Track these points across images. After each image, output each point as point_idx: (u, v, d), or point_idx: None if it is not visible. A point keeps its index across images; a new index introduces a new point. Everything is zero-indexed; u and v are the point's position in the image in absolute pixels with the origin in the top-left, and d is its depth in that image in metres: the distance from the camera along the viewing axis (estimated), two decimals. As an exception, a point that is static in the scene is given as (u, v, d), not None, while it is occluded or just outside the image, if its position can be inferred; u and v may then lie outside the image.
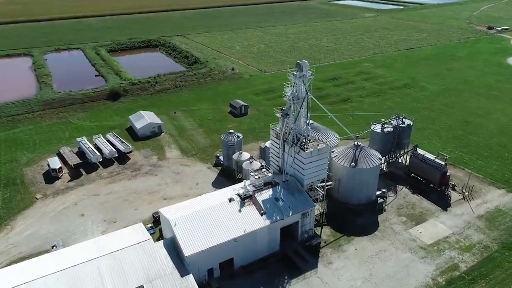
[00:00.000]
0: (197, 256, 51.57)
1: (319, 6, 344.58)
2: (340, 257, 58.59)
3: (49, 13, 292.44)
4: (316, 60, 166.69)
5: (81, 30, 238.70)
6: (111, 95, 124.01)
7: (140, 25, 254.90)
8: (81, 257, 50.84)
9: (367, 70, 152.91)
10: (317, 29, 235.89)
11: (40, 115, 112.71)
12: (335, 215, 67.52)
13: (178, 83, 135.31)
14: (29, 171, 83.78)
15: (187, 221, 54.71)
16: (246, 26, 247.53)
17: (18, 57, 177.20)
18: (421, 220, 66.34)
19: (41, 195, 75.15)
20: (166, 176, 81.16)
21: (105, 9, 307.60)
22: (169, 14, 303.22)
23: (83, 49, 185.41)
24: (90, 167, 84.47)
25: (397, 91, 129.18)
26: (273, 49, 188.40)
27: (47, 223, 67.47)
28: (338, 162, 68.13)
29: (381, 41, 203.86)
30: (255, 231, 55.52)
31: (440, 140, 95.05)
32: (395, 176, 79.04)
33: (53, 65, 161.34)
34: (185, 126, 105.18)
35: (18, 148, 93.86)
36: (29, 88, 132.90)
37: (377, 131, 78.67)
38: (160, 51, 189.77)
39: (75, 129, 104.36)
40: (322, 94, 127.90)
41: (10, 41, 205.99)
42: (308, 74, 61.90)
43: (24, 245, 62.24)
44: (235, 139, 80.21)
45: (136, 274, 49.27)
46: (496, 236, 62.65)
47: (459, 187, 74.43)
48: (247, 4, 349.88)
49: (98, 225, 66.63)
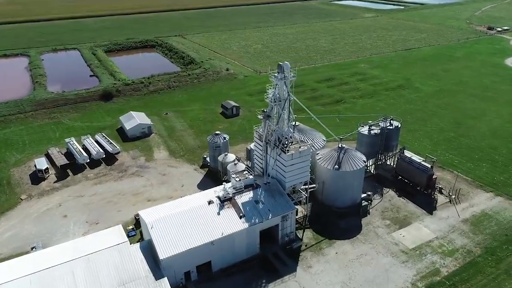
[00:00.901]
0: (172, 259, 51.23)
1: (319, 6, 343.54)
2: (320, 261, 58.01)
3: (48, 13, 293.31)
4: (312, 60, 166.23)
5: (79, 30, 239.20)
6: (104, 95, 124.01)
7: (139, 25, 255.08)
8: (57, 259, 50.68)
9: (362, 71, 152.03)
10: (315, 30, 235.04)
11: (32, 115, 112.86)
12: (319, 218, 66.96)
13: (171, 83, 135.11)
14: (17, 171, 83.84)
15: (164, 224, 54.40)
16: (245, 26, 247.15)
17: (15, 57, 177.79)
18: (405, 224, 65.62)
19: (26, 196, 75.14)
20: (152, 177, 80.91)
21: (104, 9, 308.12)
22: (169, 14, 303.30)
23: (80, 49, 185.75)
24: (77, 168, 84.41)
25: (391, 92, 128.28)
26: (270, 49, 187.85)
27: (29, 224, 67.40)
28: (321, 165, 67.53)
29: (379, 41, 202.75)
30: (233, 234, 55.10)
31: (431, 142, 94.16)
32: (382, 179, 78.33)
33: (48, 65, 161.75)
34: (176, 127, 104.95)
35: (8, 149, 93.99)
36: (23, 88, 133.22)
37: (364, 133, 77.91)
38: (157, 52, 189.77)
39: (66, 130, 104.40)
40: (315, 95, 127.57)
41: (8, 41, 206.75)
42: (289, 75, 61.19)
43: (5, 246, 62.18)
44: (221, 141, 79.81)
45: (109, 277, 49.00)
46: (480, 241, 61.82)
47: (446, 190, 73.60)
48: (248, 4, 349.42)
49: (80, 226, 66.46)
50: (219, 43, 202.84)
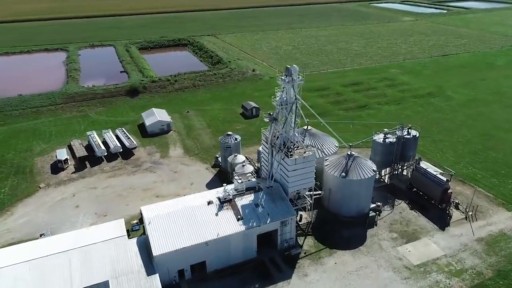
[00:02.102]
0: (166, 256, 51.73)
1: (356, 8, 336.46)
2: (317, 270, 56.57)
3: (90, 11, 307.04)
4: (341, 64, 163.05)
5: (117, 27, 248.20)
6: (131, 91, 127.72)
7: (175, 24, 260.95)
8: (57, 248, 52.65)
9: (392, 76, 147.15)
10: (349, 32, 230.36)
11: (62, 107, 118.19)
12: (323, 226, 65.39)
13: (197, 82, 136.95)
14: (40, 161, 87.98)
15: (161, 221, 55.10)
16: (278, 27, 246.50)
17: (55, 52, 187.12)
18: (413, 238, 62.67)
19: (44, 185, 78.65)
20: (164, 174, 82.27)
21: (143, 8, 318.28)
22: (204, 13, 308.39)
23: (115, 46, 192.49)
24: (95, 160, 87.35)
25: (419, 100, 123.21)
26: (300, 51, 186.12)
27: (43, 212, 70.46)
28: (329, 171, 65.90)
29: (414, 46, 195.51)
30: (229, 236, 54.86)
31: (455, 154, 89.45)
32: (396, 190, 75.32)
33: (84, 60, 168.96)
34: (194, 125, 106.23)
35: (35, 138, 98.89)
36: (58, 81, 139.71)
37: (378, 141, 75.21)
38: (188, 50, 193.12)
39: (91, 123, 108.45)
40: (339, 99, 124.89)
41: (51, 36, 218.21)
42: (297, 79, 60.14)
43: (18, 231, 65.34)
44: (232, 141, 79.85)
45: (103, 269, 50.22)
46: (493, 262, 57.92)
47: (463, 206, 69.60)
48: (283, 5, 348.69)
49: (88, 217, 68.67)
50: (250, 43, 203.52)
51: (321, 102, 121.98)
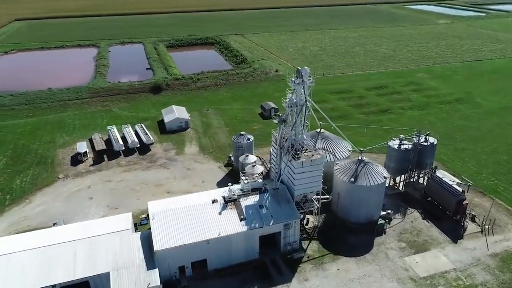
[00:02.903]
0: (166, 252, 52.45)
1: (390, 10, 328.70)
2: (318, 275, 55.70)
3: (124, 9, 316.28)
4: (367, 66, 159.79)
5: (148, 25, 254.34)
6: (154, 88, 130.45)
7: (204, 23, 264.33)
8: (65, 238, 54.50)
9: (419, 80, 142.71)
10: (379, 35, 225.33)
11: (87, 102, 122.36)
12: (329, 231, 64.32)
13: (219, 81, 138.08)
14: (61, 152, 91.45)
15: (165, 217, 55.95)
16: (306, 28, 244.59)
17: (87, 48, 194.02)
18: (422, 249, 60.52)
19: (63, 176, 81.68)
20: (177, 170, 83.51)
21: (175, 6, 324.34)
22: (234, 13, 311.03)
23: (144, 43, 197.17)
24: (113, 154, 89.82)
25: (446, 106, 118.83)
26: (326, 52, 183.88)
27: (59, 202, 73.21)
28: (338, 176, 64.73)
29: (447, 50, 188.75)
30: (230, 236, 54.95)
31: (478, 163, 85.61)
32: (410, 198, 72.98)
33: (113, 56, 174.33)
34: (212, 124, 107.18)
35: (60, 131, 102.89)
36: (86, 76, 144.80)
37: (393, 147, 73.07)
38: (215, 49, 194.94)
39: (113, 118, 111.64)
40: (361, 102, 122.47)
41: (86, 33, 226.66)
42: (307, 81, 59.30)
43: (34, 219, 68.18)
44: (244, 141, 79.96)
45: (106, 261, 51.55)
46: (506, 280, 55.01)
47: (479, 218, 66.53)
48: (314, 6, 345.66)
49: (100, 209, 70.71)
50: (277, 43, 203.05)
51: (342, 105, 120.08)
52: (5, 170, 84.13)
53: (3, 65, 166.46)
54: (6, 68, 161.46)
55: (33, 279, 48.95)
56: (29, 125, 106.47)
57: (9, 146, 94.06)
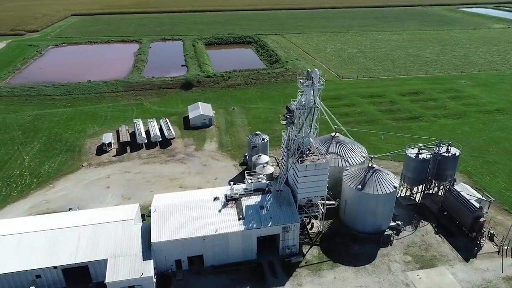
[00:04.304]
0: (163, 244, 53.82)
1: (441, 12, 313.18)
2: (313, 281, 54.60)
3: (176, 6, 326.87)
4: (405, 71, 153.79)
5: (194, 23, 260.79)
6: (185, 84, 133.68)
7: (247, 21, 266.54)
8: (72, 222, 57.44)
9: (459, 87, 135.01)
10: (425, 38, 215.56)
11: (121, 95, 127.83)
12: (333, 238, 62.82)
13: (249, 80, 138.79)
14: (89, 142, 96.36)
15: (166, 210, 57.38)
16: (348, 29, 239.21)
17: (130, 43, 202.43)
18: (428, 265, 57.45)
19: (87, 164, 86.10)
20: (193, 166, 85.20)
21: (220, 5, 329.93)
22: (280, 12, 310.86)
23: (183, 40, 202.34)
24: (136, 146, 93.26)
25: (484, 116, 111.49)
26: (365, 55, 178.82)
27: (79, 188, 77.31)
28: (346, 182, 63.01)
29: (497, 56, 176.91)
30: (227, 234, 55.32)
31: (509, 179, 79.69)
32: (426, 211, 69.50)
33: (153, 52, 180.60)
34: (236, 122, 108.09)
35: (91, 121, 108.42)
36: (125, 70, 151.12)
37: (411, 156, 69.80)
38: (252, 48, 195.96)
39: (142, 111, 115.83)
40: (392, 108, 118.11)
41: (133, 29, 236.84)
42: (317, 83, 58.27)
43: (53, 203, 72.53)
44: (259, 141, 79.94)
45: (106, 248, 53.80)
46: (518, 306, 50.97)
47: (498, 238, 61.97)
48: (360, 7, 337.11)
49: (115, 198, 73.80)
50: (315, 44, 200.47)
51: (372, 109, 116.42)
52: (37, 155, 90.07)
53: (52, 58, 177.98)
54: (54, 60, 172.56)
55: (38, 259, 52.15)
56: (65, 114, 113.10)
57: (44, 133, 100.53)
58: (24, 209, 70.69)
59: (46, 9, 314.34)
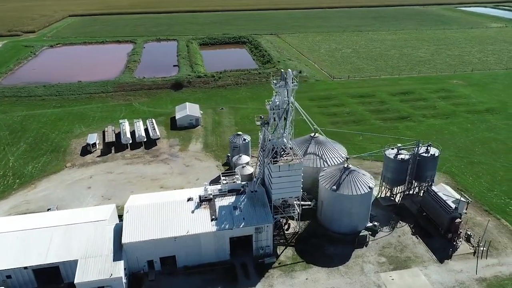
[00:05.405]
0: (134, 245, 53.85)
1: (439, 12, 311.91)
2: (285, 282, 54.45)
3: (172, 6, 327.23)
4: (398, 70, 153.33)
5: (190, 23, 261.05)
6: (175, 85, 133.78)
7: (243, 22, 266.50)
8: (46, 223, 57.52)
9: (451, 87, 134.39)
10: (421, 37, 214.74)
11: (111, 95, 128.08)
12: (309, 238, 62.64)
13: (240, 80, 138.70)
14: (75, 142, 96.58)
15: (139, 211, 57.40)
16: (344, 29, 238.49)
17: (125, 44, 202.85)
18: (402, 266, 57.16)
19: (70, 165, 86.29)
20: (176, 166, 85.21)
21: (218, 5, 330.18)
22: (278, 12, 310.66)
23: (178, 40, 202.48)
24: (120, 147, 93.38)
25: (473, 116, 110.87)
26: (359, 55, 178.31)
27: (60, 189, 77.47)
28: (322, 183, 62.80)
29: (491, 56, 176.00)
30: (199, 235, 55.28)
31: (492, 179, 79.21)
32: (406, 211, 69.19)
33: (146, 52, 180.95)
34: (223, 123, 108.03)
35: (79, 122, 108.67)
36: (116, 71, 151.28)
37: (389, 156, 69.51)
38: (246, 49, 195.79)
39: (131, 112, 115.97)
40: (381, 108, 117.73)
41: (128, 29, 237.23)
42: (291, 84, 58.14)
43: (34, 203, 72.71)
44: (240, 142, 79.82)
45: (78, 248, 53.88)
46: (488, 308, 50.62)
47: (475, 239, 61.59)
48: (358, 7, 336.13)
49: (95, 199, 73.91)
50: (310, 44, 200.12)
51: (360, 109, 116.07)
52: (22, 156, 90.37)
53: (46, 58, 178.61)
54: (48, 61, 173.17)
55: (9, 259, 52.28)
56: (54, 115, 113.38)
57: (31, 134, 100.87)
58: (4, 209, 70.90)
59: (44, 9, 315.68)
